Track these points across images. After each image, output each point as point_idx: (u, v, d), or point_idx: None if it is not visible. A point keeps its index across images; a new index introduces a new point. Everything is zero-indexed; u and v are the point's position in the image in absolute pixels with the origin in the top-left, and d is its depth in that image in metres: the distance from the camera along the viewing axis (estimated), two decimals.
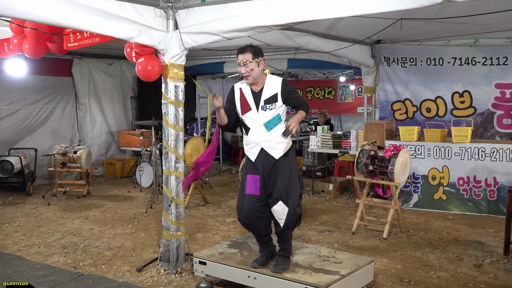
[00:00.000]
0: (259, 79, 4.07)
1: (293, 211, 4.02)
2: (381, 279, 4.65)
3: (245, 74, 4.01)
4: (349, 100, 14.13)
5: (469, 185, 7.08)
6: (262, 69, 4.07)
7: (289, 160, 4.10)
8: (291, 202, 4.02)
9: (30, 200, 8.44)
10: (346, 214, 7.20)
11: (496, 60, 7.83)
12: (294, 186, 4.07)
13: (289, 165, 4.08)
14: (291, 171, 4.07)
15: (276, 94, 4.03)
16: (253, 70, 3.99)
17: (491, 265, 5.02)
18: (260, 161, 4.08)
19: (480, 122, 8.09)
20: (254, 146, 4.11)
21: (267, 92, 4.06)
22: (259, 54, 4.02)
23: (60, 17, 3.83)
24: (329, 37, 7.43)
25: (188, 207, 7.57)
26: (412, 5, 3.47)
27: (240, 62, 4.01)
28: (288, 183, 4.03)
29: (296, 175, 4.13)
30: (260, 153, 4.08)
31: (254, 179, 4.11)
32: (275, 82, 4.07)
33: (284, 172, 4.05)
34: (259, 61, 4.01)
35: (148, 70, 4.82)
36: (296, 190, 4.08)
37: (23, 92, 9.51)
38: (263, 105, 4.03)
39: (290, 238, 4.23)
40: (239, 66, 4.04)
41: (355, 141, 8.27)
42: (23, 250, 5.69)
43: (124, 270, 4.98)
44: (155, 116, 8.73)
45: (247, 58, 3.97)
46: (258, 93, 4.07)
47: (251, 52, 3.98)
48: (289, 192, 4.03)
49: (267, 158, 4.06)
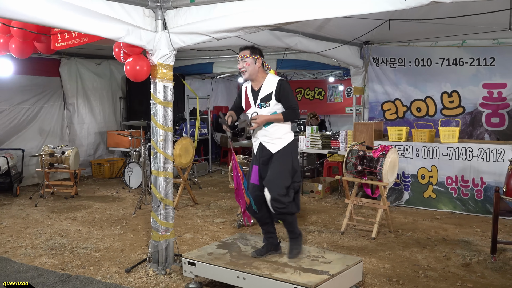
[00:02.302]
0: (257, 77, 4.32)
1: (276, 198, 4.17)
2: (369, 279, 4.67)
3: (242, 69, 4.29)
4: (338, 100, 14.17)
5: (457, 185, 7.14)
6: (260, 67, 4.30)
7: (285, 154, 4.27)
8: (274, 190, 4.18)
9: (17, 201, 8.36)
10: (335, 214, 7.22)
11: (483, 61, 7.90)
12: (282, 177, 4.21)
13: (283, 159, 4.25)
14: (283, 163, 4.24)
15: (271, 93, 4.25)
16: (249, 65, 4.25)
17: (479, 264, 5.07)
18: (259, 153, 4.37)
19: (469, 121, 8.17)
20: (255, 140, 4.41)
21: (264, 90, 4.29)
22: (257, 52, 4.30)
23: (48, 16, 3.80)
24: (318, 37, 7.45)
25: (177, 207, 7.54)
26: (400, 6, 3.49)
27: (238, 58, 4.30)
28: (277, 172, 4.21)
29: (288, 168, 4.26)
30: (259, 147, 4.37)
31: (255, 169, 4.43)
32: (272, 82, 4.29)
33: (275, 163, 4.25)
34: (256, 59, 4.26)
35: (136, 70, 4.79)
36: (282, 181, 4.20)
37: (10, 92, 9.42)
38: (259, 103, 4.29)
39: (291, 222, 4.41)
40: (238, 63, 4.32)
41: (344, 142, 8.30)
42: (10, 251, 5.64)
43: (112, 271, 4.95)
44: (143, 117, 8.69)
45: (244, 54, 4.27)
46: (257, 91, 4.34)
47: (249, 49, 4.29)
48: (274, 181, 4.19)
49: (264, 151, 4.33)
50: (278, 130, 4.26)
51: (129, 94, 11.45)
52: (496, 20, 5.94)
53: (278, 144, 4.26)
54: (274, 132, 4.26)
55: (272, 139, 4.27)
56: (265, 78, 4.32)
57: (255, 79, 4.34)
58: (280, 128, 4.27)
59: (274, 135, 4.26)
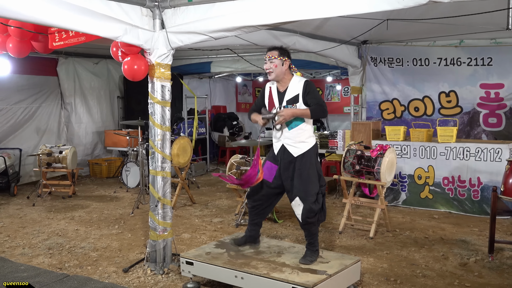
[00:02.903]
0: (283, 79, 4.31)
1: (308, 208, 4.21)
2: (367, 278, 4.67)
3: (269, 70, 4.27)
4: (335, 100, 14.17)
5: (454, 185, 7.14)
6: (287, 69, 4.29)
7: (308, 159, 4.27)
8: (307, 199, 4.19)
9: (15, 200, 8.34)
10: (333, 214, 7.22)
11: (481, 61, 7.91)
12: (311, 183, 4.24)
13: (308, 164, 4.26)
14: (309, 169, 4.25)
15: (298, 95, 4.24)
16: (277, 66, 4.23)
17: (476, 264, 5.08)
18: (280, 155, 4.37)
19: (467, 121, 8.18)
20: (277, 141, 4.41)
21: (290, 92, 4.28)
22: (285, 54, 4.28)
23: (45, 15, 3.79)
24: (316, 37, 7.45)
25: (175, 207, 7.54)
26: (398, 6, 3.49)
27: (266, 58, 4.28)
28: (306, 180, 4.22)
29: (314, 173, 4.29)
30: (281, 148, 4.36)
31: (272, 167, 4.41)
32: (299, 84, 4.28)
33: (301, 170, 4.24)
34: (284, 60, 4.25)
35: (134, 69, 4.79)
36: (313, 188, 4.25)
37: (7, 91, 9.39)
38: (285, 104, 4.26)
39: (315, 233, 4.38)
40: (265, 63, 4.30)
41: (342, 141, 8.31)
42: (7, 251, 5.62)
43: (110, 271, 4.95)
44: (141, 116, 8.68)
45: (272, 54, 4.25)
46: (282, 93, 4.32)
47: (277, 50, 4.27)
48: (306, 190, 4.22)
49: (286, 154, 4.32)
50: (301, 133, 4.27)
51: (127, 93, 11.43)
52: (493, 20, 5.95)
53: (301, 147, 4.27)
54: (297, 135, 4.26)
55: (295, 142, 4.28)
56: (291, 79, 4.31)
57: (281, 81, 4.32)
58: (304, 132, 4.28)
59: (297, 138, 4.27)
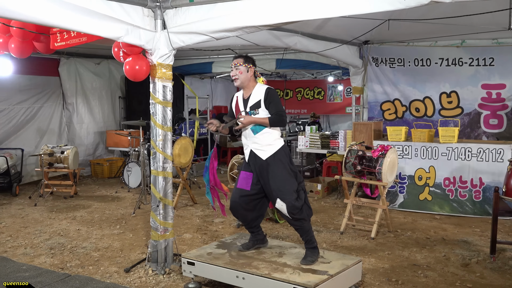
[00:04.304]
0: (248, 85, 4.42)
1: (291, 205, 4.23)
2: (369, 279, 4.67)
3: (235, 77, 4.40)
4: (338, 100, 14.18)
5: (455, 186, 7.11)
6: (251, 76, 4.41)
7: (279, 159, 4.34)
8: (287, 198, 4.23)
9: (17, 200, 8.35)
10: (334, 214, 7.22)
11: (483, 61, 7.90)
12: (287, 181, 4.30)
13: (280, 164, 4.32)
14: (282, 169, 4.31)
15: (260, 101, 4.35)
16: (242, 73, 4.37)
17: (478, 264, 5.07)
18: (251, 161, 4.44)
19: (467, 122, 8.16)
20: (246, 147, 4.48)
21: (253, 98, 4.39)
22: (250, 61, 4.42)
23: (47, 16, 3.79)
24: (318, 37, 7.45)
25: (176, 207, 7.54)
26: (400, 6, 3.49)
27: (232, 65, 4.44)
28: (281, 180, 4.28)
29: (288, 172, 4.34)
30: (250, 154, 4.43)
31: (246, 176, 4.47)
32: (261, 90, 4.40)
33: (274, 171, 4.31)
34: (249, 67, 4.39)
35: (136, 70, 4.79)
36: (290, 186, 4.29)
37: (9, 91, 9.41)
38: (248, 110, 4.39)
39: (308, 230, 4.39)
40: (231, 70, 4.46)
41: (343, 141, 8.30)
42: (9, 251, 5.63)
43: (111, 271, 4.95)
44: (143, 116, 8.68)
45: (238, 62, 4.39)
46: (246, 99, 4.43)
47: (243, 58, 4.42)
48: (283, 189, 4.25)
49: (256, 158, 4.38)
50: (267, 137, 4.35)
51: (128, 93, 11.44)
52: (495, 20, 5.94)
53: (268, 150, 4.34)
54: (264, 139, 4.34)
55: (262, 146, 4.35)
56: (254, 86, 4.42)
57: (246, 87, 4.44)
58: (270, 135, 4.36)
59: (264, 142, 4.34)
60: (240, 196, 4.45)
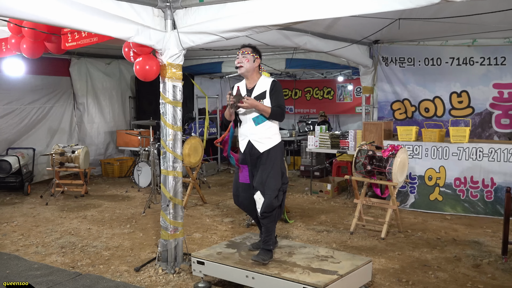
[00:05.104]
0: (252, 76, 4.41)
1: (268, 202, 4.25)
2: (379, 279, 4.65)
3: (240, 64, 4.36)
4: (347, 100, 14.13)
5: (466, 186, 7.06)
6: (256, 67, 4.41)
7: (273, 156, 4.35)
8: (267, 193, 4.25)
9: (28, 199, 8.43)
10: (344, 214, 7.20)
11: (494, 60, 7.84)
12: (273, 179, 4.30)
13: (272, 161, 4.33)
14: (273, 166, 4.32)
15: (265, 92, 4.34)
16: (248, 61, 4.34)
17: (489, 265, 5.03)
18: (246, 152, 4.41)
19: (478, 122, 8.09)
20: (243, 138, 4.45)
21: (258, 89, 4.38)
22: (257, 53, 4.42)
23: (58, 16, 3.82)
24: (327, 37, 7.43)
25: (186, 207, 7.57)
26: (410, 5, 3.47)
27: (238, 52, 4.38)
28: (268, 175, 4.28)
29: (278, 170, 4.36)
30: (247, 145, 4.40)
31: (246, 169, 4.49)
32: (266, 82, 4.39)
33: (266, 165, 4.31)
34: (256, 58, 4.38)
35: (146, 70, 4.82)
36: (274, 184, 4.30)
37: (21, 91, 9.50)
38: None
39: (271, 231, 4.38)
40: (237, 57, 4.40)
41: (353, 141, 8.27)
42: (21, 250, 5.68)
43: (122, 270, 4.98)
44: (153, 116, 8.73)
45: (246, 50, 4.37)
46: (250, 90, 4.41)
47: (251, 47, 4.40)
48: (268, 184, 4.26)
49: (252, 150, 4.36)
50: (267, 130, 4.34)
51: (138, 93, 11.50)
52: (507, 19, 5.90)
53: (267, 144, 4.33)
54: (263, 132, 4.33)
55: (261, 138, 4.33)
56: (259, 78, 4.42)
57: (249, 77, 4.43)
58: (270, 129, 4.36)
59: (264, 135, 4.33)
60: (243, 190, 4.49)
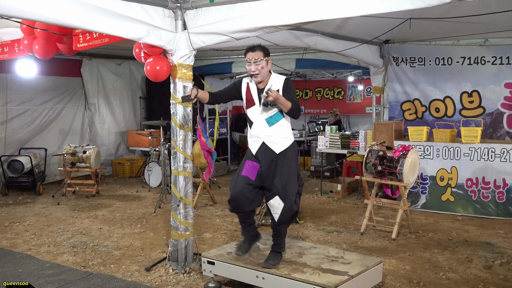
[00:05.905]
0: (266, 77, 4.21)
1: (289, 207, 4.12)
2: (389, 280, 4.63)
3: (255, 72, 4.13)
4: (358, 100, 14.08)
5: (477, 187, 7.01)
6: (270, 68, 4.23)
7: (289, 157, 4.20)
8: (288, 198, 4.11)
9: (40, 199, 8.50)
10: (355, 215, 7.18)
11: (506, 60, 7.76)
12: (292, 183, 4.17)
13: (289, 162, 4.18)
14: (290, 168, 4.18)
15: (278, 91, 4.09)
16: (263, 68, 4.12)
17: (501, 267, 4.99)
18: (260, 154, 4.21)
19: (489, 123, 8.02)
20: (256, 140, 4.25)
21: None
22: (268, 53, 4.18)
23: (70, 18, 3.86)
24: (338, 37, 7.41)
25: (196, 207, 7.59)
26: (421, 5, 3.45)
27: (250, 60, 4.11)
28: (287, 179, 4.14)
29: (295, 172, 4.24)
30: (261, 147, 4.21)
31: (253, 165, 4.24)
32: (279, 80, 4.21)
33: (283, 168, 4.15)
34: (268, 60, 4.17)
35: (156, 70, 4.84)
36: (293, 187, 4.18)
37: (33, 92, 9.59)
38: (264, 101, 4.12)
39: (284, 234, 4.32)
40: (248, 64, 4.14)
41: (364, 141, 8.24)
42: (33, 249, 5.74)
43: (133, 269, 5.01)
44: (163, 116, 8.75)
45: (258, 56, 4.10)
46: (262, 89, 4.19)
47: (261, 51, 4.13)
48: (287, 189, 4.12)
49: (267, 152, 4.18)
50: (282, 129, 4.19)
51: (149, 94, 11.55)
52: None
53: (282, 144, 4.18)
54: (278, 132, 4.17)
55: (276, 139, 4.17)
56: (270, 76, 4.22)
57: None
58: (285, 128, 4.21)
59: (279, 135, 4.17)
60: (245, 184, 4.20)
